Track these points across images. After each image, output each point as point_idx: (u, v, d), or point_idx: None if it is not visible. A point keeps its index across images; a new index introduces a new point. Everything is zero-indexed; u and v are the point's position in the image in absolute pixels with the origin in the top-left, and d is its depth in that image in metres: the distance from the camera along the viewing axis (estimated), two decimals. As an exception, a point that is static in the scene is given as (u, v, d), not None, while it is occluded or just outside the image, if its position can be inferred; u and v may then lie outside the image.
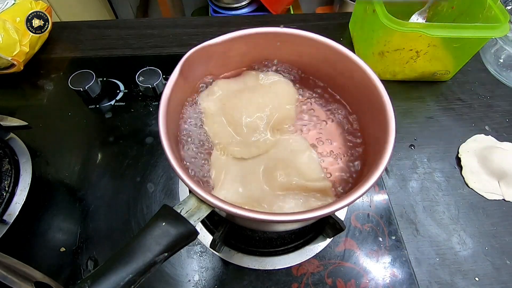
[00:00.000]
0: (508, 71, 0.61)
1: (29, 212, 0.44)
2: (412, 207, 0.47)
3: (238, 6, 1.37)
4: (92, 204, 0.45)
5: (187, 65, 0.32)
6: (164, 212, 0.26)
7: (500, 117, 0.56)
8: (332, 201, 0.26)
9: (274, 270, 0.41)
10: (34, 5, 0.60)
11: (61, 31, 0.67)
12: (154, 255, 0.23)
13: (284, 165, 0.33)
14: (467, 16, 0.55)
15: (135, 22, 0.71)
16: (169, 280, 0.40)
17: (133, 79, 0.55)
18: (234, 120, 0.36)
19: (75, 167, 0.48)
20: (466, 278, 0.41)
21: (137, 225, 0.44)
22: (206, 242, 0.42)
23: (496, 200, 0.47)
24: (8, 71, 0.56)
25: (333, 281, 0.40)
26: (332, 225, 0.39)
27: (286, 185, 0.32)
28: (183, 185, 0.47)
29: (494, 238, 0.44)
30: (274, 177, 0.32)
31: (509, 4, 0.64)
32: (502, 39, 0.57)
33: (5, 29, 0.53)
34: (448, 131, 0.55)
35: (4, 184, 0.45)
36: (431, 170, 0.50)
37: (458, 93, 0.60)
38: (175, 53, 0.64)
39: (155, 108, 0.55)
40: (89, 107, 0.55)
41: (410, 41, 0.51)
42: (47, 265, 0.40)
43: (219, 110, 0.37)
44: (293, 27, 0.35)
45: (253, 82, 0.38)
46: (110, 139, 0.52)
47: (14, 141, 0.50)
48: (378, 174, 0.26)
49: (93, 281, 0.22)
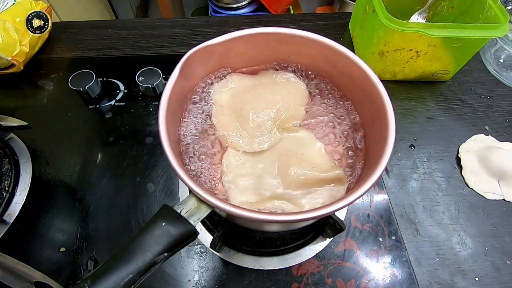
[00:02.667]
0: (508, 71, 0.61)
1: (29, 212, 0.44)
2: (412, 207, 0.47)
3: (238, 6, 1.37)
4: (92, 204, 0.45)
5: (187, 65, 0.32)
6: (164, 212, 0.26)
7: (500, 117, 0.56)
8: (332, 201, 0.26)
9: (274, 270, 0.41)
10: (34, 5, 0.60)
11: (61, 31, 0.67)
12: (154, 255, 0.23)
13: (297, 161, 0.33)
14: (467, 16, 0.55)
15: (135, 22, 0.71)
16: (169, 280, 0.40)
17: (133, 79, 0.55)
18: (242, 114, 0.36)
19: (75, 167, 0.48)
20: (466, 278, 0.41)
21: (137, 225, 0.44)
22: (206, 242, 0.42)
23: (496, 200, 0.47)
24: (8, 71, 0.56)
25: (333, 281, 0.40)
26: (332, 225, 0.39)
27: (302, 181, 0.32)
28: (183, 185, 0.47)
29: (494, 238, 0.44)
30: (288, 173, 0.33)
31: (509, 4, 0.64)
32: (502, 39, 0.57)
33: (5, 29, 0.53)
34: (448, 131, 0.55)
35: (4, 184, 0.45)
36: (431, 170, 0.50)
37: (458, 93, 0.60)
38: (175, 53, 0.64)
39: (155, 108, 0.55)
40: (89, 107, 0.55)
41: (410, 41, 0.51)
42: (47, 265, 0.40)
43: (229, 103, 0.37)
44: (293, 27, 0.35)
45: (268, 80, 0.39)
46: (110, 139, 0.52)
47: (14, 141, 0.50)
48: (378, 174, 0.26)
49: (93, 281, 0.22)
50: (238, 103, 0.37)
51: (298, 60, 0.39)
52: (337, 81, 0.38)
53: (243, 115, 0.36)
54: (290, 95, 0.37)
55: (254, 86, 0.38)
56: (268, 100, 0.37)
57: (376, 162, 0.27)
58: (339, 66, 0.35)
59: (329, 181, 0.33)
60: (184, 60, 0.32)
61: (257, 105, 0.36)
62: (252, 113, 0.36)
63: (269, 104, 0.36)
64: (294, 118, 0.37)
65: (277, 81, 0.39)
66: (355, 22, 0.66)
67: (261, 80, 0.39)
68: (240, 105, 0.37)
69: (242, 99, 0.37)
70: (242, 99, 0.37)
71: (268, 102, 0.37)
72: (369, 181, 0.26)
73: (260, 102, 0.36)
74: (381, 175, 0.26)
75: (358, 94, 0.35)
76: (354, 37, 0.66)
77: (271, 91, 0.37)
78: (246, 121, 0.36)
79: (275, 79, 0.39)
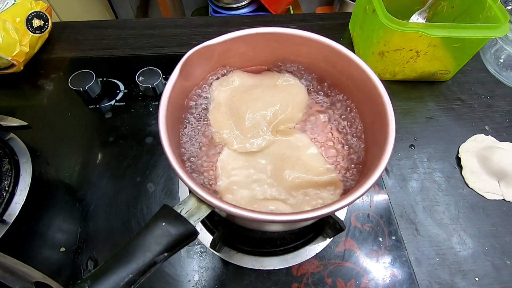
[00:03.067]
0: (508, 71, 0.61)
1: (29, 212, 0.44)
2: (412, 207, 0.47)
3: (238, 6, 1.37)
4: (92, 204, 0.45)
5: (187, 65, 0.32)
6: (164, 212, 0.26)
7: (500, 117, 0.56)
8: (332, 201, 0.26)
9: (274, 270, 0.41)
10: (34, 5, 0.60)
11: (61, 31, 0.67)
12: (154, 255, 0.23)
13: (291, 164, 0.33)
14: (467, 16, 0.55)
15: (135, 22, 0.71)
16: (169, 280, 0.40)
17: (133, 79, 0.55)
18: (237, 114, 0.36)
19: (75, 167, 0.48)
20: (466, 278, 0.41)
21: (137, 225, 0.44)
22: (206, 242, 0.42)
23: (496, 200, 0.47)
24: (8, 71, 0.56)
25: (333, 281, 0.40)
26: (332, 225, 0.39)
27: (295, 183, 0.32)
28: (183, 185, 0.47)
29: (494, 238, 0.44)
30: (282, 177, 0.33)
31: (509, 4, 0.64)
32: (502, 39, 0.57)
33: (5, 29, 0.53)
34: (448, 131, 0.55)
35: (4, 184, 0.45)
36: (431, 170, 0.50)
37: (458, 93, 0.60)
38: (175, 53, 0.64)
39: (155, 108, 0.55)
40: (89, 107, 0.55)
41: (410, 41, 0.51)
42: (47, 265, 0.40)
43: (227, 101, 0.37)
44: (293, 27, 0.35)
45: (269, 81, 0.39)
46: (110, 139, 0.52)
47: (14, 141, 0.50)
48: (378, 174, 0.26)
49: (93, 281, 0.22)
50: (235, 102, 0.37)
51: (298, 60, 0.39)
52: (337, 81, 0.38)
53: (239, 115, 0.36)
54: (289, 98, 0.37)
55: (254, 86, 0.38)
56: (266, 101, 0.37)
57: (376, 162, 0.27)
58: (339, 66, 0.35)
59: (324, 184, 0.32)
60: (184, 60, 0.32)
61: (254, 105, 0.36)
62: (248, 113, 0.36)
63: (266, 106, 0.36)
64: (290, 121, 0.37)
65: (278, 83, 0.38)
66: (355, 22, 0.66)
67: (262, 80, 0.39)
68: (237, 104, 0.37)
69: (240, 99, 0.37)
70: (240, 98, 0.37)
71: (266, 104, 0.36)
72: (369, 181, 0.26)
73: (258, 103, 0.36)
74: (381, 175, 0.26)
75: (358, 94, 0.35)
76: (354, 37, 0.66)
77: (270, 92, 0.37)
78: (241, 121, 0.36)
79: (277, 81, 0.39)
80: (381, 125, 0.30)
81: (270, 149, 0.35)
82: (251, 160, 0.35)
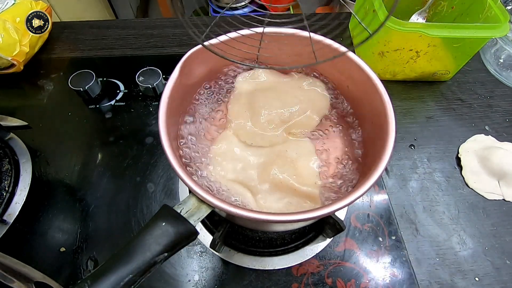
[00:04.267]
0: (508, 71, 0.61)
1: (29, 212, 0.44)
2: (412, 207, 0.47)
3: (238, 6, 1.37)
4: (92, 204, 0.45)
5: (187, 65, 0.32)
6: (164, 212, 0.26)
7: (500, 117, 0.56)
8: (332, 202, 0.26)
9: (274, 270, 0.41)
10: (34, 5, 0.60)
11: (61, 31, 0.67)
12: (154, 255, 0.23)
13: (282, 163, 0.33)
14: (467, 16, 0.55)
15: (135, 22, 0.71)
16: (169, 280, 0.40)
17: (133, 79, 0.55)
18: (254, 108, 0.36)
19: (75, 167, 0.48)
20: (466, 278, 0.41)
21: (137, 225, 0.44)
22: (206, 242, 0.42)
23: (496, 200, 0.47)
24: (8, 71, 0.56)
25: (333, 281, 0.40)
26: (332, 225, 0.39)
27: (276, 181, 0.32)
28: (183, 185, 0.47)
29: (494, 238, 0.44)
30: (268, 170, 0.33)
31: (509, 4, 0.64)
32: (502, 39, 0.57)
33: (5, 29, 0.53)
34: (448, 131, 0.55)
35: (4, 184, 0.45)
36: (431, 170, 0.50)
37: (458, 93, 0.60)
38: (175, 53, 0.64)
39: (155, 108, 0.55)
40: (89, 107, 0.55)
41: (410, 41, 0.51)
42: (47, 265, 0.40)
43: (249, 94, 0.38)
44: (293, 27, 0.35)
45: (294, 82, 0.39)
46: (110, 139, 0.52)
47: (14, 141, 0.50)
48: (378, 174, 0.26)
49: (93, 281, 0.22)
50: (256, 96, 0.37)
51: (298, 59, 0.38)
52: (337, 81, 0.38)
53: (256, 109, 0.36)
54: (310, 103, 0.37)
55: (279, 84, 0.39)
56: (285, 101, 0.37)
57: (376, 162, 0.27)
58: (339, 66, 0.35)
59: (301, 194, 0.32)
60: (184, 60, 0.32)
61: (272, 103, 0.36)
62: (265, 109, 0.36)
63: (285, 105, 0.36)
64: (305, 126, 0.37)
65: (302, 86, 0.38)
66: (355, 22, 0.66)
67: (288, 81, 0.39)
68: (257, 98, 0.37)
69: (261, 94, 0.37)
70: (262, 93, 0.37)
71: (285, 103, 0.36)
72: (369, 181, 0.26)
73: (276, 102, 0.36)
74: (381, 175, 0.26)
75: (358, 94, 0.35)
76: (354, 37, 0.66)
77: (292, 93, 0.37)
78: (257, 115, 0.36)
79: (302, 83, 0.39)
80: (381, 125, 0.30)
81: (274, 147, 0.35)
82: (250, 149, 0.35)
